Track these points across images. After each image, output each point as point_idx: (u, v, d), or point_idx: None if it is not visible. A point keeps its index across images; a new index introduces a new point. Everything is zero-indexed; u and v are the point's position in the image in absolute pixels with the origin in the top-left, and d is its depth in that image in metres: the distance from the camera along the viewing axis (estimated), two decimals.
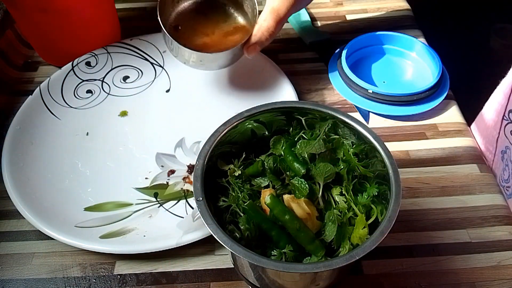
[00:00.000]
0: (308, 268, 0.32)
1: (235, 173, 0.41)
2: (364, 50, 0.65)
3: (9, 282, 0.44)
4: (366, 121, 0.58)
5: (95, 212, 0.48)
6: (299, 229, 0.36)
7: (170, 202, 0.50)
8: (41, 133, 0.56)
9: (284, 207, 0.36)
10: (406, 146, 0.55)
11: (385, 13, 0.74)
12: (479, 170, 0.52)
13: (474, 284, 0.43)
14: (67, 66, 0.62)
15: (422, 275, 0.43)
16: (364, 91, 0.57)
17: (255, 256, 0.32)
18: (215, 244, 0.46)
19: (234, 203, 0.39)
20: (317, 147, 0.39)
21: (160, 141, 0.56)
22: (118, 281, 0.44)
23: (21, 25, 0.66)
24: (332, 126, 0.41)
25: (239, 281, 0.44)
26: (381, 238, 0.32)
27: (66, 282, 0.44)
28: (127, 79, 0.64)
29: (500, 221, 0.47)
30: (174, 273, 0.44)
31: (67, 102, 0.60)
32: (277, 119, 0.43)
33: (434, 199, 0.49)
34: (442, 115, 0.58)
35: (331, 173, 0.38)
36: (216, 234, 0.33)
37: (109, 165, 0.54)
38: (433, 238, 0.46)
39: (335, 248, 0.37)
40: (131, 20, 0.75)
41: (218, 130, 0.40)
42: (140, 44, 0.66)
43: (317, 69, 0.65)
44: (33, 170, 0.51)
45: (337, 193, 0.39)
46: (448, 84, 0.59)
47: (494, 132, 0.53)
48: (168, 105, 0.61)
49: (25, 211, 0.46)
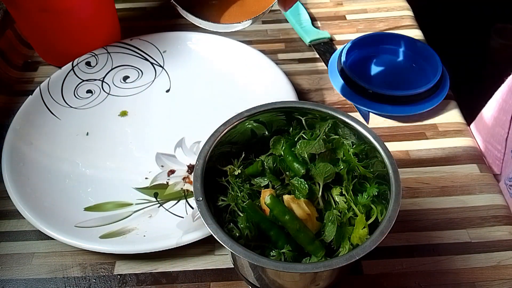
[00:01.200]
0: (308, 268, 0.32)
1: (234, 173, 0.41)
2: (364, 50, 0.65)
3: (9, 282, 0.44)
4: (366, 121, 0.58)
5: (95, 212, 0.48)
6: (299, 229, 0.36)
7: (170, 202, 0.50)
8: (41, 133, 0.56)
9: (284, 208, 0.36)
10: (406, 146, 0.55)
11: (385, 13, 0.74)
12: (479, 170, 0.52)
13: (474, 284, 0.43)
14: (67, 66, 0.62)
15: (422, 275, 0.43)
16: (364, 91, 0.57)
17: (255, 256, 0.32)
18: (215, 244, 0.46)
19: (233, 202, 0.39)
20: (317, 147, 0.39)
21: (160, 141, 0.56)
22: (118, 281, 0.44)
23: (21, 25, 0.66)
24: (332, 126, 0.41)
25: (239, 281, 0.44)
26: (381, 238, 0.32)
27: (66, 282, 0.44)
28: (127, 79, 0.64)
29: (500, 221, 0.47)
30: (174, 273, 0.44)
31: (67, 102, 0.60)
32: (277, 119, 0.43)
33: (434, 199, 0.49)
34: (442, 115, 0.58)
35: (331, 173, 0.38)
36: (216, 234, 0.33)
37: (109, 165, 0.54)
38: (433, 238, 0.46)
39: (335, 248, 0.37)
40: (131, 20, 0.75)
41: (218, 130, 0.40)
42: (140, 44, 0.66)
43: (317, 69, 0.65)
44: (33, 170, 0.51)
45: (337, 193, 0.39)
46: (448, 84, 0.59)
47: (502, 131, 0.53)
48: (168, 105, 0.61)
49: (25, 211, 0.46)
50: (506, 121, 0.52)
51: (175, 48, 0.66)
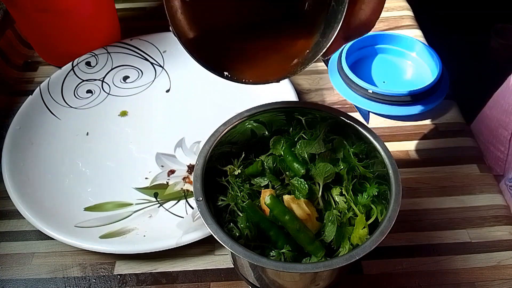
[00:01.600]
0: (308, 268, 0.32)
1: (234, 172, 0.41)
2: (364, 50, 0.65)
3: (9, 282, 0.44)
4: (366, 121, 0.58)
5: (95, 212, 0.48)
6: (299, 229, 0.36)
7: (170, 202, 0.50)
8: (41, 133, 0.56)
9: (284, 208, 0.36)
10: (406, 146, 0.55)
11: (385, 13, 0.74)
12: (479, 170, 0.52)
13: (474, 284, 0.43)
14: (67, 66, 0.62)
15: (422, 275, 0.43)
16: (364, 91, 0.57)
17: (255, 256, 0.32)
18: (215, 244, 0.46)
19: (233, 202, 0.39)
20: (316, 147, 0.39)
21: (160, 141, 0.56)
22: (118, 281, 0.44)
23: (21, 25, 0.66)
24: (332, 126, 0.41)
25: (239, 281, 0.44)
26: (381, 238, 0.32)
27: (66, 282, 0.44)
28: (127, 79, 0.64)
29: (500, 221, 0.47)
30: (174, 273, 0.44)
31: (67, 102, 0.60)
32: (277, 119, 0.43)
33: (434, 199, 0.49)
34: (442, 115, 0.58)
35: (330, 173, 0.38)
36: (216, 234, 0.33)
37: (109, 165, 0.54)
38: (433, 238, 0.46)
39: (335, 248, 0.37)
40: (131, 20, 0.75)
41: (218, 130, 0.40)
42: (140, 44, 0.66)
43: (317, 69, 0.65)
44: (33, 170, 0.51)
45: (337, 193, 0.39)
46: (448, 84, 0.59)
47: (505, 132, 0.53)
48: (168, 105, 0.61)
49: (25, 211, 0.46)
50: (509, 122, 0.52)
51: (175, 48, 0.66)
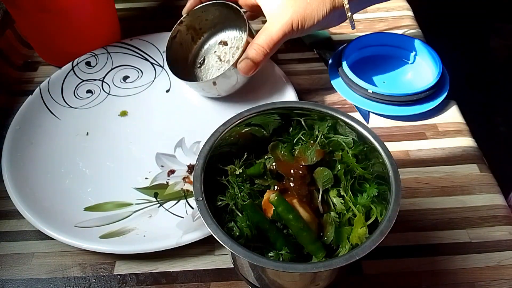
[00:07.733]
0: (308, 268, 0.32)
1: (235, 172, 0.41)
2: (364, 50, 0.65)
3: (9, 282, 0.44)
4: (366, 121, 0.58)
5: (95, 212, 0.48)
6: (302, 228, 0.36)
7: (170, 202, 0.50)
8: (41, 133, 0.56)
9: (289, 206, 0.36)
10: (406, 146, 0.55)
11: (385, 13, 0.74)
12: (479, 170, 0.52)
13: (474, 284, 0.43)
14: (67, 66, 0.62)
15: (422, 275, 0.44)
16: (364, 91, 0.57)
17: (255, 256, 0.32)
18: (215, 244, 0.46)
19: (232, 201, 0.39)
20: (312, 157, 0.39)
21: (160, 141, 0.56)
22: (118, 281, 0.44)
23: (21, 25, 0.66)
24: (331, 126, 0.41)
25: (239, 281, 0.44)
26: (381, 238, 0.32)
27: (66, 282, 0.44)
28: (127, 79, 0.64)
29: (499, 221, 0.47)
30: (174, 273, 0.44)
31: (67, 102, 0.60)
32: (276, 119, 0.43)
33: (434, 199, 0.49)
34: (442, 115, 0.58)
35: (328, 178, 0.38)
36: (216, 234, 0.33)
37: (109, 165, 0.54)
38: (433, 238, 0.46)
39: (335, 248, 0.37)
40: (131, 20, 0.75)
41: (218, 130, 0.40)
42: (140, 44, 0.66)
43: (317, 69, 0.65)
44: (33, 170, 0.51)
45: (334, 195, 0.39)
46: (448, 84, 0.59)
47: None
48: (168, 105, 0.61)
49: (25, 211, 0.46)
50: None
51: None
